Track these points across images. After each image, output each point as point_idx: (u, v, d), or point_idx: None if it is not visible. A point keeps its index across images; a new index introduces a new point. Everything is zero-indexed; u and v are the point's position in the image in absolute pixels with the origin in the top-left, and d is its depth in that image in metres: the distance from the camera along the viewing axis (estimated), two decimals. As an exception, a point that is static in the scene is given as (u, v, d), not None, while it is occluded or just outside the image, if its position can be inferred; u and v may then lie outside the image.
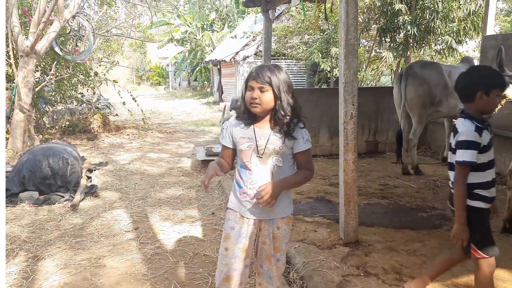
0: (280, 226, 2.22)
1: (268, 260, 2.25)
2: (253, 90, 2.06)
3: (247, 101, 2.09)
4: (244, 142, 2.14)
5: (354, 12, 3.35)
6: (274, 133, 2.12)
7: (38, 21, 7.32)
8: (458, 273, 3.06)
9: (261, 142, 2.11)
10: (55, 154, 5.37)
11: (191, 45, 26.97)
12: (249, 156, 2.14)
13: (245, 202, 2.17)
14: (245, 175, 2.17)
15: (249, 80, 2.09)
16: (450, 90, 5.63)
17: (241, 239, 2.18)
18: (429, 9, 9.57)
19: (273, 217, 2.20)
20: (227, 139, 2.22)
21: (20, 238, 3.95)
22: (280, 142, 2.11)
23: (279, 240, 2.24)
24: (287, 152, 2.14)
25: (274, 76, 2.06)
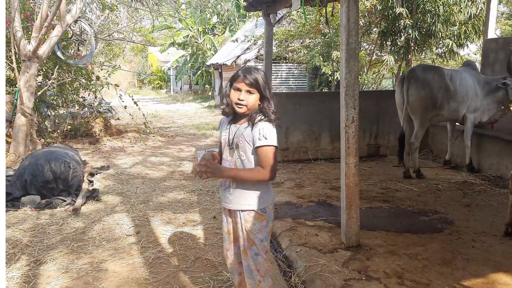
0: (247, 219, 2.30)
1: (245, 253, 2.36)
2: (240, 92, 2.19)
3: (233, 101, 2.22)
4: (223, 135, 2.35)
5: (355, 16, 3.36)
6: (242, 128, 2.25)
7: (40, 25, 7.36)
8: (460, 277, 3.06)
9: (231, 136, 2.29)
10: (57, 158, 5.37)
11: (193, 49, 27.03)
12: (223, 148, 2.34)
13: (222, 191, 2.37)
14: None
15: (237, 81, 2.20)
16: (452, 94, 5.64)
17: (224, 224, 2.45)
18: (430, 12, 9.57)
19: (237, 208, 2.30)
20: (220, 131, 2.42)
21: (22, 242, 3.95)
22: (242, 136, 2.23)
23: (249, 233, 2.31)
24: (248, 147, 2.24)
25: (260, 79, 2.20)
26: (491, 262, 3.30)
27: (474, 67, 6.11)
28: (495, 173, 5.86)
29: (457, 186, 5.46)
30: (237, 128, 2.28)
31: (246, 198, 2.29)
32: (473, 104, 5.80)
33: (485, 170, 6.05)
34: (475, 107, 5.82)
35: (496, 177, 5.77)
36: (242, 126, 2.26)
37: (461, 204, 4.78)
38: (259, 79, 2.19)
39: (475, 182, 5.63)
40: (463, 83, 5.70)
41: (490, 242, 3.69)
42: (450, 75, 5.71)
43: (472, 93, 5.76)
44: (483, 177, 5.83)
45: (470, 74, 5.87)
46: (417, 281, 3.00)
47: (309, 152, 7.14)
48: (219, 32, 28.79)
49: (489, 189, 5.32)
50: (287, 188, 5.55)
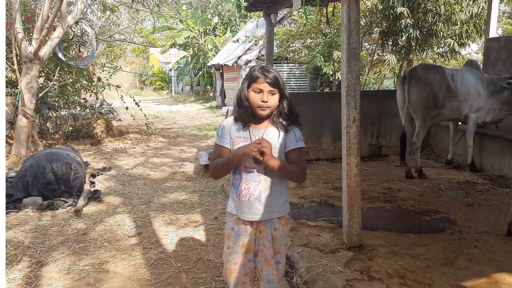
0: (277, 227, 2.24)
1: (268, 263, 2.25)
2: (263, 93, 2.07)
3: (255, 104, 2.08)
4: (240, 142, 2.14)
5: (356, 16, 3.35)
6: (267, 131, 2.14)
7: (41, 27, 7.37)
8: (463, 277, 3.04)
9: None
10: (58, 160, 5.38)
11: (194, 49, 27.07)
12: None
13: (242, 203, 2.18)
14: (239, 176, 2.18)
15: (258, 82, 2.07)
16: (453, 93, 5.62)
17: (240, 238, 2.23)
18: (431, 12, 9.56)
19: (269, 217, 2.21)
20: (225, 138, 2.19)
21: (24, 244, 3.95)
22: (274, 140, 2.13)
23: (277, 241, 2.25)
24: (280, 150, 2.15)
25: (279, 78, 2.11)
26: (494, 262, 3.28)
27: (477, 66, 6.09)
28: (497, 172, 5.85)
29: (459, 186, 5.44)
30: (262, 132, 2.14)
31: (277, 204, 2.22)
32: (476, 104, 5.77)
33: (487, 170, 6.03)
34: (478, 106, 5.80)
35: (498, 177, 5.75)
36: (270, 130, 2.15)
37: (463, 203, 4.76)
38: (278, 77, 2.10)
39: (477, 181, 5.61)
40: (464, 82, 5.69)
41: (492, 242, 3.67)
42: (451, 74, 5.70)
43: (474, 92, 5.74)
44: (485, 176, 5.80)
45: (472, 73, 5.85)
46: (420, 281, 2.98)
47: (310, 152, 7.13)
48: (220, 32, 28.81)
49: (491, 188, 5.31)
50: (289, 188, 5.53)
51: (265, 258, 2.25)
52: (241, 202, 2.19)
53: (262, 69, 2.10)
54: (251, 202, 2.17)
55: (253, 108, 2.10)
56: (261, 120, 2.16)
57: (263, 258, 2.26)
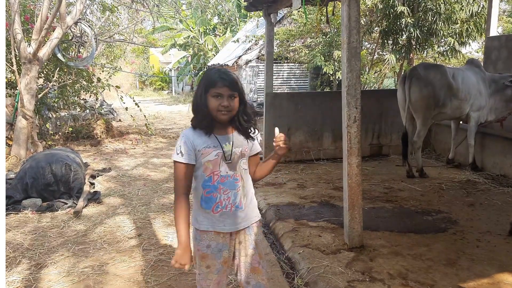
0: (256, 231, 2.18)
1: (256, 271, 2.14)
2: (223, 97, 1.95)
3: (215, 109, 1.96)
4: (211, 152, 2.00)
5: (356, 15, 3.32)
6: (235, 136, 2.06)
7: (41, 27, 7.35)
8: (465, 277, 3.02)
9: (226, 148, 2.03)
10: (58, 161, 5.36)
11: (194, 49, 27.03)
12: (217, 165, 2.02)
13: (220, 216, 2.05)
14: (214, 187, 2.03)
15: (217, 87, 1.95)
16: (454, 92, 5.59)
17: (221, 254, 2.09)
18: (431, 11, 9.54)
19: (248, 224, 2.12)
20: (190, 155, 2.00)
21: (23, 246, 3.93)
22: (244, 144, 2.08)
23: (259, 246, 2.18)
24: (248, 154, 2.12)
25: (238, 81, 2.00)
26: (496, 262, 3.26)
27: (478, 64, 6.06)
28: (498, 171, 5.82)
29: (461, 185, 5.42)
30: (229, 137, 2.05)
31: (254, 208, 2.17)
32: (477, 103, 5.74)
33: (488, 169, 6.00)
34: (479, 105, 5.76)
35: (500, 176, 5.73)
36: (236, 134, 2.07)
37: (464, 203, 4.74)
38: (237, 80, 1.99)
39: (478, 181, 5.58)
40: (465, 81, 5.66)
41: (495, 242, 3.65)
42: (452, 73, 5.67)
43: (475, 91, 5.71)
44: (486, 175, 5.78)
45: (474, 72, 5.82)
46: (422, 282, 2.96)
47: (311, 152, 7.10)
48: (220, 32, 28.80)
49: (493, 188, 5.28)
50: (290, 188, 5.52)
51: (251, 268, 2.14)
52: (222, 215, 2.05)
53: (220, 72, 1.99)
54: (234, 212, 2.06)
55: (213, 113, 1.98)
56: (224, 126, 2.06)
57: (249, 269, 2.14)
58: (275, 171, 6.44)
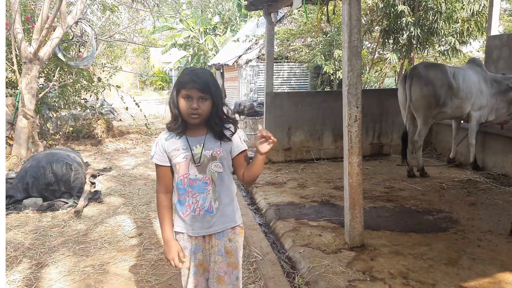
0: (232, 237, 2.08)
1: (220, 281, 2.06)
2: (193, 100, 1.90)
3: (185, 112, 1.92)
4: (179, 154, 1.97)
5: (357, 14, 3.32)
6: (208, 138, 1.99)
7: (41, 27, 7.35)
8: (466, 277, 3.02)
9: (196, 150, 1.97)
10: (58, 160, 5.36)
11: (194, 49, 27.02)
12: (186, 168, 1.98)
13: (189, 220, 2.02)
14: (184, 190, 2.01)
15: (187, 88, 1.90)
16: (455, 91, 5.59)
17: (195, 255, 2.07)
18: (432, 10, 9.53)
19: (221, 229, 2.05)
20: (162, 156, 2.01)
21: (24, 245, 3.93)
22: (216, 146, 2.00)
23: (233, 254, 2.08)
24: (225, 157, 2.02)
25: (211, 83, 1.93)
26: (497, 261, 3.26)
27: (479, 64, 6.04)
28: (499, 171, 5.81)
29: (462, 185, 5.42)
30: (200, 140, 1.99)
31: (229, 214, 2.07)
32: (478, 102, 5.73)
33: (489, 168, 6.00)
34: (480, 104, 5.75)
35: (501, 175, 5.72)
36: (209, 137, 1.99)
37: (466, 202, 4.73)
38: (210, 82, 1.92)
39: (479, 180, 5.58)
40: (466, 80, 5.65)
41: (496, 241, 3.65)
42: (453, 72, 5.66)
43: (476, 90, 5.70)
44: (487, 175, 5.78)
45: (475, 71, 5.81)
46: (423, 282, 2.96)
47: (311, 151, 7.10)
48: (221, 32, 28.79)
49: (494, 187, 5.28)
50: (290, 188, 5.52)
51: (217, 276, 2.06)
52: (191, 218, 2.02)
53: (192, 73, 1.93)
54: (203, 216, 2.02)
55: (184, 116, 1.94)
56: (198, 127, 2.00)
57: (214, 277, 2.06)
58: (275, 171, 6.44)
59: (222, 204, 2.04)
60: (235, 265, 2.09)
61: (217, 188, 2.02)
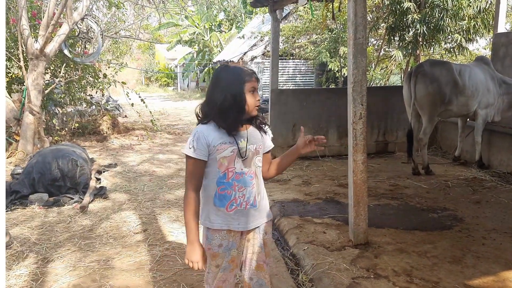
0: (267, 230, 2.16)
1: (260, 268, 2.14)
2: (256, 92, 1.96)
3: (252, 105, 1.95)
4: (227, 148, 1.95)
5: (363, 11, 3.31)
6: (250, 133, 2.02)
7: (48, 23, 7.38)
8: (471, 275, 3.01)
9: (242, 144, 1.98)
10: (64, 156, 5.39)
11: (199, 46, 27.02)
12: (233, 162, 1.98)
13: (235, 214, 2.02)
14: (229, 184, 1.99)
15: (252, 81, 1.94)
16: (460, 89, 5.55)
17: (229, 252, 2.07)
18: (438, 7, 9.46)
19: (261, 222, 2.10)
20: (203, 151, 1.95)
21: (30, 240, 3.97)
22: (258, 141, 2.04)
23: (268, 245, 2.18)
24: (262, 151, 2.09)
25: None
26: (501, 260, 3.25)
27: (487, 62, 5.99)
28: (505, 169, 5.79)
29: (467, 183, 5.40)
30: (244, 134, 2.00)
31: (266, 206, 2.15)
32: (485, 100, 5.69)
33: (495, 166, 5.97)
34: (487, 102, 5.71)
35: (507, 174, 5.69)
36: (251, 130, 2.03)
37: (470, 201, 4.72)
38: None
39: (485, 178, 5.56)
40: (472, 78, 5.61)
41: (500, 240, 3.64)
42: (459, 69, 5.63)
43: (483, 88, 5.66)
44: (493, 173, 5.75)
45: (482, 69, 5.77)
46: (426, 279, 2.96)
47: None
48: (226, 28, 28.77)
49: (499, 185, 5.26)
50: (294, 185, 5.52)
51: (256, 265, 2.13)
52: (236, 213, 2.02)
53: (245, 69, 1.99)
54: (248, 210, 2.03)
55: (249, 109, 1.96)
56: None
57: (253, 266, 2.13)
58: (280, 168, 6.44)
59: (262, 199, 2.11)
60: (269, 254, 2.19)
61: (259, 182, 2.08)
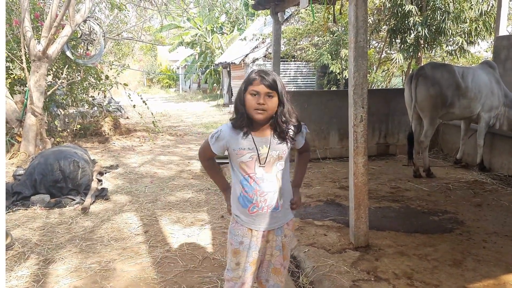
0: (287, 233, 2.17)
1: (277, 272, 2.17)
2: (260, 96, 1.94)
3: (251, 107, 1.95)
4: (245, 153, 2.01)
5: (364, 15, 3.32)
6: (274, 139, 2.03)
7: (50, 25, 7.41)
8: (471, 278, 3.01)
9: (263, 151, 2.01)
10: (66, 157, 5.41)
11: (201, 48, 27.09)
12: (252, 167, 2.03)
13: (256, 216, 2.07)
14: (251, 188, 2.05)
15: (254, 84, 1.95)
16: (463, 91, 5.55)
17: (250, 253, 2.10)
18: (440, 10, 9.48)
19: (283, 222, 2.13)
20: (220, 148, 2.08)
21: (32, 241, 3.98)
22: (283, 147, 2.05)
23: (286, 248, 2.19)
24: (286, 155, 2.10)
25: (278, 81, 1.97)
26: (502, 263, 3.25)
27: (493, 66, 5.96)
28: (506, 172, 5.78)
29: (468, 186, 5.40)
30: (267, 140, 2.03)
31: (289, 209, 2.16)
32: (489, 102, 5.68)
33: (496, 169, 5.97)
34: (491, 105, 5.70)
35: (508, 177, 5.69)
36: (273, 136, 2.03)
37: (471, 203, 4.72)
38: (277, 80, 1.97)
39: (486, 181, 5.55)
40: (475, 80, 5.60)
41: (501, 243, 3.64)
42: (462, 72, 5.62)
43: (487, 90, 5.64)
44: (494, 176, 5.75)
45: (486, 72, 5.76)
46: (427, 282, 2.96)
47: (317, 151, 7.11)
48: (228, 31, 28.84)
49: (501, 188, 5.25)
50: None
51: (273, 268, 2.17)
52: (258, 216, 2.06)
53: (260, 71, 2.00)
54: (270, 214, 2.07)
55: (249, 112, 1.97)
56: (261, 127, 2.03)
57: (270, 268, 2.17)
58: (281, 170, 6.44)
59: (285, 201, 2.13)
60: (286, 257, 2.21)
61: (282, 185, 2.10)
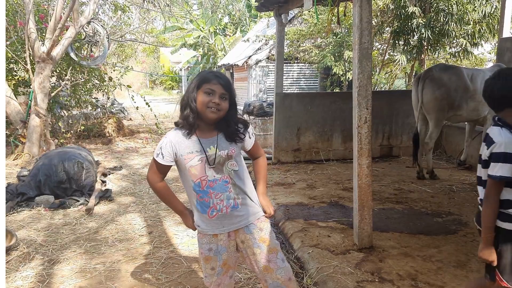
0: (261, 226, 2.14)
1: (267, 270, 2.13)
2: (215, 95, 1.93)
3: (204, 105, 1.93)
4: (193, 157, 1.99)
5: (368, 16, 3.33)
6: (220, 138, 2.03)
7: (54, 27, 7.45)
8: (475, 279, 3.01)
9: (210, 152, 2.00)
10: (70, 159, 5.43)
11: (204, 49, 27.11)
12: (203, 170, 2.01)
13: (217, 219, 2.06)
14: (205, 193, 2.03)
15: (211, 83, 1.94)
16: (471, 94, 5.50)
17: (220, 256, 2.12)
18: (443, 11, 9.47)
19: (248, 222, 2.11)
20: (169, 157, 2.02)
21: (36, 242, 4.00)
22: (231, 146, 2.04)
23: (270, 240, 2.15)
24: (238, 154, 2.10)
25: (231, 85, 2.00)
26: (507, 264, 3.24)
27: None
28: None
29: (472, 187, 5.38)
30: (213, 140, 2.02)
31: (253, 206, 2.14)
32: None
33: (500, 171, 5.93)
34: None
35: None
36: (221, 137, 2.03)
37: (475, 205, 4.70)
38: (230, 83, 1.99)
39: (490, 183, 5.53)
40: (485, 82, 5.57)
41: (506, 245, 3.62)
42: (471, 74, 5.57)
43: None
44: (498, 178, 5.72)
45: None
46: (431, 284, 2.96)
47: (321, 152, 7.11)
48: (230, 32, 28.85)
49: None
50: (299, 189, 5.53)
51: (263, 266, 2.13)
52: (218, 218, 2.06)
53: (214, 71, 2.02)
54: (230, 213, 2.06)
55: (201, 111, 1.95)
56: (208, 128, 2.03)
57: (261, 268, 2.14)
58: (284, 171, 6.46)
59: (245, 198, 2.11)
60: (276, 249, 2.15)
61: (237, 184, 2.08)
